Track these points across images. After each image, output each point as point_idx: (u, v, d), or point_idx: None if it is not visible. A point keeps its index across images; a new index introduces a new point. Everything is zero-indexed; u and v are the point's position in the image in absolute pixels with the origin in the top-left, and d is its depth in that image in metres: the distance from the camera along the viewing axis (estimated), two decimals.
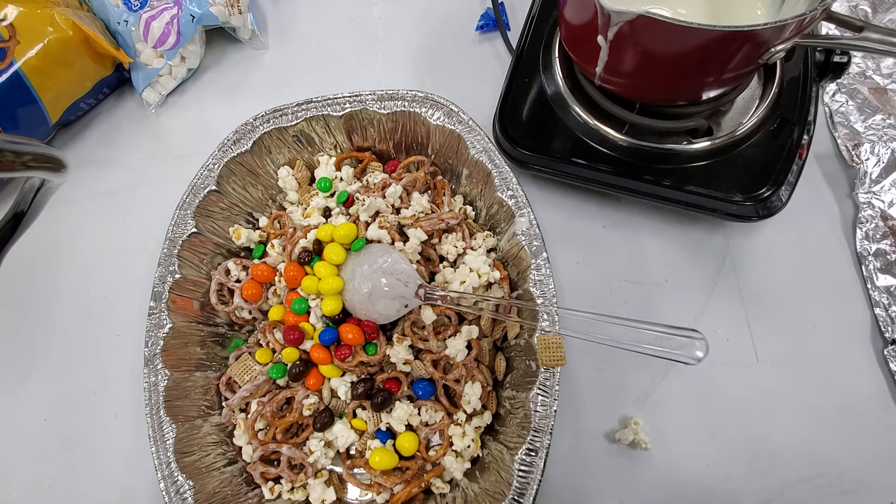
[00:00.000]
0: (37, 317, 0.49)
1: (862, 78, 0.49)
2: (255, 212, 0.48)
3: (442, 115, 0.44)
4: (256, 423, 0.40)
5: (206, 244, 0.45)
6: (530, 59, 0.47)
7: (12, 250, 0.37)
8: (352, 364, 0.39)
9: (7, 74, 0.49)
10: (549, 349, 0.35)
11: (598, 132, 0.43)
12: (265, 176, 0.48)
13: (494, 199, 0.42)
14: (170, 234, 0.44)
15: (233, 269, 0.44)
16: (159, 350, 0.41)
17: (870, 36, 0.32)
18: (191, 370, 0.42)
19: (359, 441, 0.40)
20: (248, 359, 0.41)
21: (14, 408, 0.46)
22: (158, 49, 0.54)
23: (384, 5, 0.59)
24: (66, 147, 0.56)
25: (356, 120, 0.46)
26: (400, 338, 0.39)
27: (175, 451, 0.38)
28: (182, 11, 0.53)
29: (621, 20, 0.32)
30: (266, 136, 0.46)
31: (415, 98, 0.44)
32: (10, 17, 0.49)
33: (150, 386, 0.40)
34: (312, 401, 0.40)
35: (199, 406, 0.41)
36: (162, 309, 0.42)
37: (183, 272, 0.43)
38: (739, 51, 0.33)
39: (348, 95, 0.45)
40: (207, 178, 0.45)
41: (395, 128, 0.46)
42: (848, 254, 0.43)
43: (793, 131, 0.41)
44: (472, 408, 0.38)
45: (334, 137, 0.47)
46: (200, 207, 0.44)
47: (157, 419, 0.39)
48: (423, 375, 0.39)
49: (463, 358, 0.39)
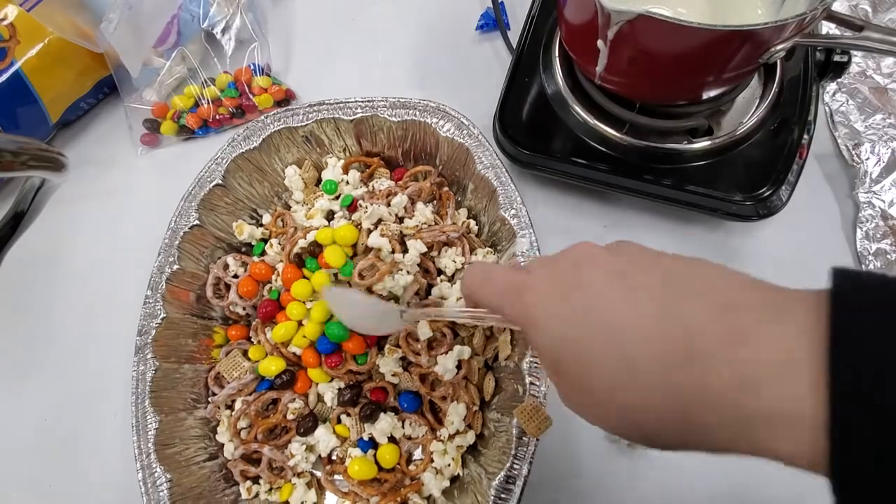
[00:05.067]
0: (37, 316, 0.49)
1: (862, 77, 0.49)
2: (259, 208, 0.48)
3: (452, 127, 0.43)
4: (239, 421, 0.40)
5: (207, 237, 0.45)
6: (530, 58, 0.47)
7: (12, 250, 0.37)
8: (341, 371, 0.39)
9: (7, 74, 0.49)
10: (531, 419, 0.33)
11: (599, 132, 0.43)
12: (272, 173, 0.48)
13: (497, 216, 0.41)
14: (172, 224, 0.44)
15: (231, 265, 0.45)
16: (150, 340, 0.41)
17: (870, 35, 0.32)
18: (180, 362, 0.42)
19: (340, 447, 0.39)
20: (238, 355, 0.42)
21: (14, 408, 0.46)
22: (158, 49, 0.54)
23: (384, 5, 0.59)
24: (66, 147, 0.56)
25: (366, 125, 0.46)
26: (392, 349, 0.38)
27: (156, 443, 0.38)
28: (182, 11, 0.53)
29: (621, 20, 0.32)
30: (276, 134, 0.46)
31: (426, 108, 0.44)
32: (11, 16, 0.49)
33: (138, 375, 0.40)
34: (298, 405, 0.40)
35: (186, 398, 0.41)
36: (157, 299, 0.42)
37: (182, 264, 0.43)
38: (740, 50, 0.33)
39: (360, 100, 0.45)
40: (214, 171, 0.45)
41: (405, 136, 0.46)
42: (848, 253, 0.43)
43: (793, 131, 0.41)
44: (455, 429, 0.38)
45: (344, 140, 0.47)
46: (205, 200, 0.45)
47: (141, 409, 0.39)
48: (410, 388, 0.39)
49: (451, 377, 0.38)
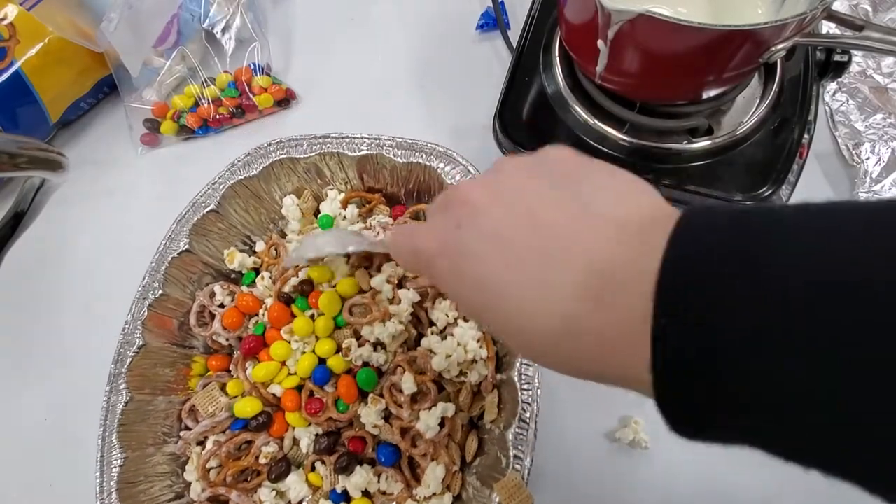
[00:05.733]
0: (37, 316, 0.49)
1: (862, 77, 0.49)
2: (253, 235, 0.46)
3: (459, 175, 0.42)
4: (209, 461, 0.38)
5: (196, 263, 0.44)
6: (530, 58, 0.47)
7: (13, 250, 0.37)
8: (321, 418, 0.37)
9: (7, 74, 0.49)
10: (512, 496, 0.32)
11: (599, 131, 0.43)
12: (269, 201, 0.46)
13: None
14: (161, 248, 0.43)
15: (218, 293, 0.43)
16: (125, 369, 0.39)
17: (870, 35, 0.32)
18: (154, 393, 0.40)
19: (311, 497, 0.38)
20: (216, 388, 0.40)
21: (14, 408, 0.46)
22: (158, 48, 0.54)
23: (384, 5, 0.59)
24: (66, 146, 0.56)
25: (371, 162, 0.44)
26: (375, 399, 0.37)
27: (119, 480, 0.37)
28: (182, 10, 0.53)
29: (622, 19, 0.32)
30: (277, 163, 0.44)
31: (433, 151, 0.42)
32: (11, 16, 0.49)
33: (109, 406, 0.39)
34: (272, 450, 0.38)
35: (157, 432, 0.40)
36: (137, 326, 0.41)
37: (166, 289, 0.42)
38: (740, 50, 0.33)
39: (366, 137, 0.44)
40: (210, 196, 0.44)
41: (409, 176, 0.44)
42: None
43: (793, 130, 0.41)
44: (432, 491, 0.36)
45: (346, 174, 0.46)
46: (197, 225, 0.43)
47: (108, 443, 0.38)
48: (389, 440, 0.37)
49: (433, 435, 0.36)
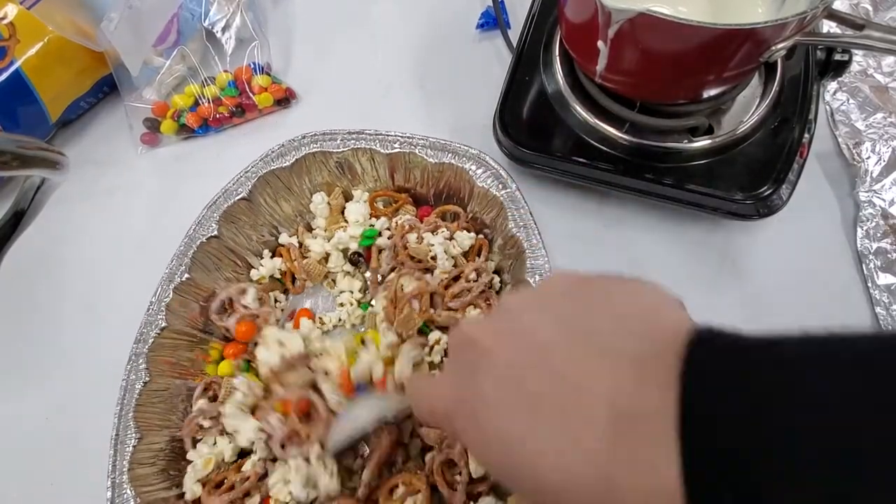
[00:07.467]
0: (37, 316, 0.49)
1: (863, 76, 0.49)
2: (280, 226, 0.47)
3: (490, 178, 0.42)
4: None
5: (222, 249, 0.45)
6: (531, 57, 0.47)
7: (13, 249, 0.37)
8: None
9: (7, 73, 0.49)
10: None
11: (599, 130, 0.43)
12: (299, 194, 0.47)
13: (522, 279, 0.40)
14: (191, 232, 0.43)
15: (249, 296, 0.43)
16: (146, 349, 0.40)
17: (871, 34, 0.32)
18: (173, 376, 0.41)
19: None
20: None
21: (15, 407, 0.46)
22: (158, 48, 0.54)
23: (384, 4, 0.59)
24: (66, 146, 0.55)
25: (402, 161, 0.45)
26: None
27: (132, 461, 0.37)
28: (182, 10, 0.53)
29: (622, 18, 0.32)
30: (310, 156, 0.45)
31: (466, 153, 0.43)
32: (10, 15, 0.49)
33: (128, 384, 0.39)
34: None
35: (168, 417, 0.41)
36: (161, 308, 0.41)
37: (192, 274, 0.43)
38: (740, 49, 0.33)
39: (399, 135, 0.44)
40: (243, 184, 0.45)
41: (440, 177, 0.45)
42: (848, 252, 0.43)
43: (793, 130, 0.41)
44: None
45: (377, 171, 0.46)
46: (227, 212, 0.44)
47: (123, 422, 0.38)
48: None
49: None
